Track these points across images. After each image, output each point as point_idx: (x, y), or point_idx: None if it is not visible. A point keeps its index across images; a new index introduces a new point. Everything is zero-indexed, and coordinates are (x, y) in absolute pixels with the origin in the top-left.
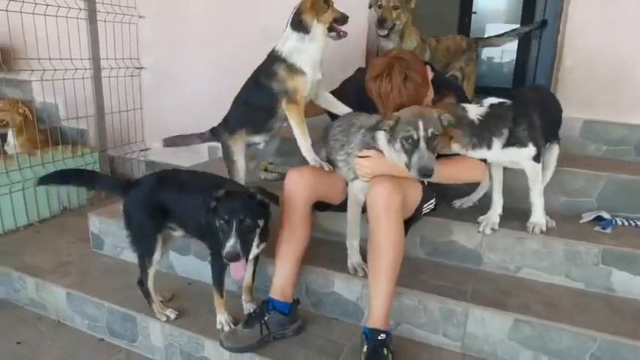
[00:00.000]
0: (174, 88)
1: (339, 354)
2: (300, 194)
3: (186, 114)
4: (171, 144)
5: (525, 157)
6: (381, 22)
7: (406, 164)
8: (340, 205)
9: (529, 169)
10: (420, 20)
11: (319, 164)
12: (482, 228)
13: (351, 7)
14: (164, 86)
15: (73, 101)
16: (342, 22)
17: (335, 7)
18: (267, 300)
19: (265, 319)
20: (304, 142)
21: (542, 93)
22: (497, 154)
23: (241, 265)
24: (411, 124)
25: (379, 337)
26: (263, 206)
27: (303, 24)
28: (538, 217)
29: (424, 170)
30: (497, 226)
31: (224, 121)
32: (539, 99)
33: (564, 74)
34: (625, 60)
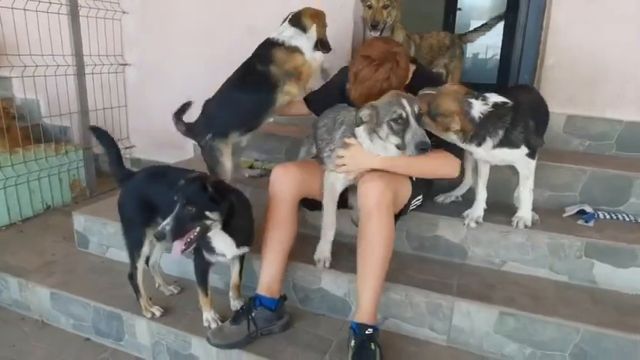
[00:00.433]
0: (159, 85)
1: (326, 349)
2: (286, 190)
3: (172, 111)
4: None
5: (518, 156)
6: (374, 25)
7: (398, 145)
8: None
9: (522, 165)
10: (405, 17)
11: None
12: (467, 222)
13: (335, 6)
14: (149, 83)
15: (55, 98)
16: (325, 47)
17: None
18: (255, 296)
19: (252, 315)
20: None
21: (534, 94)
22: (485, 153)
23: (177, 246)
24: (396, 104)
25: (367, 332)
26: (213, 201)
27: (302, 24)
28: (525, 212)
29: (421, 145)
30: (481, 220)
31: (206, 122)
32: (532, 100)
33: (547, 73)
34: (606, 57)
